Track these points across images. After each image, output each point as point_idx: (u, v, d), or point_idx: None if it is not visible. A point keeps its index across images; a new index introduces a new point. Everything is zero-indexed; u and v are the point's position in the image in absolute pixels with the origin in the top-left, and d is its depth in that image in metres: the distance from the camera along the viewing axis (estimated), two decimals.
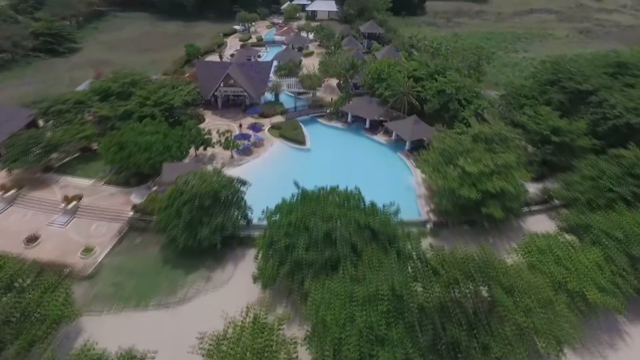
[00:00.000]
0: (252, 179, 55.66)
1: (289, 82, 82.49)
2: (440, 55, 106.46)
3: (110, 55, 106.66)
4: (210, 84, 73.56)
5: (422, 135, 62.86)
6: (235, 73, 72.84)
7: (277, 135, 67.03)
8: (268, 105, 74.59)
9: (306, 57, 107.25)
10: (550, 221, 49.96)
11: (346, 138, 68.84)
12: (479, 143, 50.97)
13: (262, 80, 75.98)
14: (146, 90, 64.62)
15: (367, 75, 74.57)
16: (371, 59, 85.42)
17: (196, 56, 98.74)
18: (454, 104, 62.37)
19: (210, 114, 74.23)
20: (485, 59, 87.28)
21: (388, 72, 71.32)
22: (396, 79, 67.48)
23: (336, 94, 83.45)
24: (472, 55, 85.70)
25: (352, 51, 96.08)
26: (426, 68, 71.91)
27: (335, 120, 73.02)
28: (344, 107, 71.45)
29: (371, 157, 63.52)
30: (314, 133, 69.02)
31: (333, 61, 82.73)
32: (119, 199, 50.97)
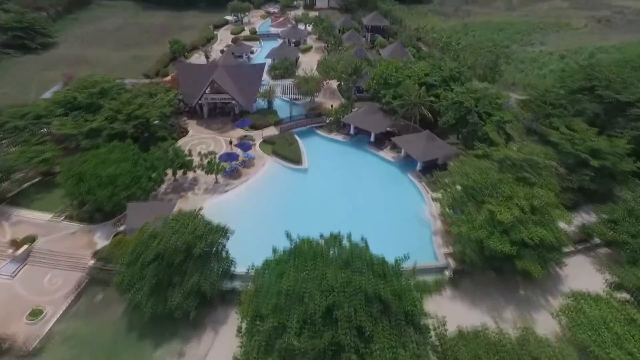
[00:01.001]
0: (240, 209, 48.16)
1: (284, 85, 73.68)
2: (451, 50, 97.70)
3: (88, 51, 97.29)
4: (194, 89, 64.88)
5: (437, 154, 54.63)
6: (222, 78, 64.07)
7: (269, 151, 58.74)
8: (260, 115, 65.97)
9: (304, 53, 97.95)
10: (591, 265, 42.31)
11: (348, 154, 60.55)
12: (505, 171, 42.98)
13: (253, 86, 67.19)
14: (118, 101, 56.03)
15: (372, 80, 65.84)
16: (376, 59, 76.43)
17: (182, 53, 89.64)
18: (473, 117, 53.89)
19: (195, 124, 65.74)
20: (504, 59, 78.20)
21: (396, 77, 62.56)
22: (406, 88, 58.79)
23: (337, 98, 74.78)
24: (489, 54, 76.69)
25: (354, 48, 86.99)
26: (439, 72, 63.12)
27: (335, 131, 64.58)
28: (346, 117, 62.93)
29: (377, 179, 55.36)
30: (312, 148, 60.72)
31: (333, 62, 73.78)
32: (81, 240, 43.07)
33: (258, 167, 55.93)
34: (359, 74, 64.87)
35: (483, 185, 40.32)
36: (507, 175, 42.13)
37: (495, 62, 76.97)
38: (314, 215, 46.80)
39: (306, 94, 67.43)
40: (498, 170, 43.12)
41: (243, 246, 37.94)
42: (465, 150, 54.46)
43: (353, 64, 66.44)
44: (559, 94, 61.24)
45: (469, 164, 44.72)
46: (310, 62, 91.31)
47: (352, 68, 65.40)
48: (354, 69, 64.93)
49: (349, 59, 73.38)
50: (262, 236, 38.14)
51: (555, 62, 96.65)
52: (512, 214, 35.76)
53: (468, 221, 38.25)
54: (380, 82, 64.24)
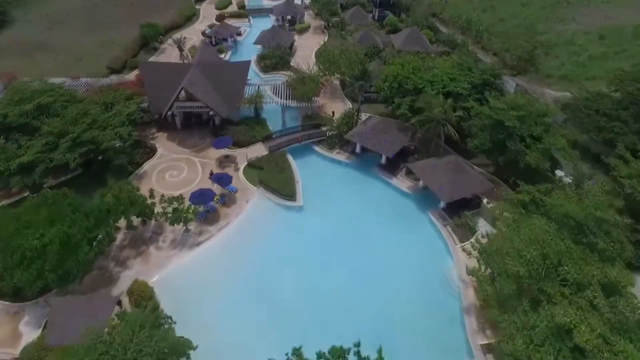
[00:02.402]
0: (215, 273, 37.66)
1: (275, 85, 60.66)
2: (472, 31, 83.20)
3: (50, 34, 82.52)
4: (162, 95, 52.27)
5: (467, 190, 43.17)
6: (196, 83, 51.27)
7: (256, 180, 47.20)
8: (245, 127, 53.45)
9: (300, 34, 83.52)
10: None
11: (353, 183, 48.89)
12: (565, 232, 32.07)
13: (236, 90, 54.32)
14: (62, 120, 43.94)
15: (383, 82, 52.98)
16: (386, 47, 62.80)
17: (156, 38, 75.45)
18: (514, 143, 41.84)
19: (166, 138, 53.64)
20: (544, 50, 64.67)
21: (413, 81, 49.72)
22: (428, 102, 46.15)
23: (338, 98, 62.06)
24: (526, 44, 63.16)
25: (359, 32, 72.89)
26: (468, 75, 50.15)
27: (338, 148, 52.60)
28: (350, 133, 50.70)
29: (388, 220, 44.00)
30: (308, 174, 49.06)
31: (335, 54, 60.45)
32: (2, 327, 32.76)
33: (241, 204, 44.59)
34: (367, 78, 51.97)
35: (541, 267, 29.40)
36: (571, 245, 31.19)
37: (532, 54, 63.48)
38: (309, 279, 37.89)
39: (302, 100, 54.76)
40: (556, 235, 32.09)
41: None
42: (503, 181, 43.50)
43: (359, 64, 53.04)
44: (614, 101, 48.99)
45: (516, 232, 33.49)
46: (307, 47, 77.68)
47: (358, 70, 52.21)
48: (362, 71, 51.85)
49: (353, 53, 60.07)
50: (243, 319, 33.72)
51: (595, 46, 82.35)
52: (596, 331, 25.02)
53: (523, 327, 27.58)
54: (393, 86, 51.51)
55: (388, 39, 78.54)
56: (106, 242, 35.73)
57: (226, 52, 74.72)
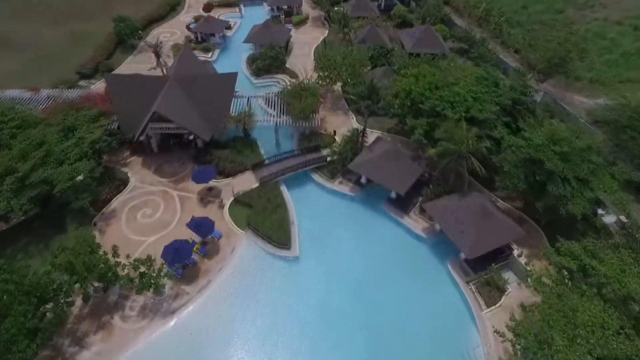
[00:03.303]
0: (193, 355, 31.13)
1: (269, 93, 52.54)
2: (491, 24, 74.04)
3: (16, 26, 73.42)
4: (134, 113, 44.50)
5: (495, 242, 36.03)
6: (172, 104, 43.39)
7: (244, 222, 40.05)
8: (232, 150, 45.77)
9: (297, 27, 74.41)
10: None
11: (358, 222, 41.61)
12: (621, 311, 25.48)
13: (220, 106, 46.36)
14: (9, 153, 36.52)
15: (393, 98, 45.01)
16: (396, 53, 54.27)
17: (133, 35, 66.53)
18: (556, 187, 34.35)
19: (141, 164, 46.19)
20: (579, 53, 56.10)
21: (430, 101, 41.68)
22: (450, 132, 38.24)
23: (341, 110, 54.05)
24: (560, 47, 54.59)
25: (364, 28, 64.07)
26: (494, 93, 42.04)
27: (340, 177, 45.11)
28: (355, 163, 43.10)
29: (399, 272, 37.02)
30: (307, 209, 41.96)
31: (338, 61, 52.08)
32: None
33: (225, 255, 37.58)
34: (374, 97, 43.86)
35: None
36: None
37: (565, 58, 54.98)
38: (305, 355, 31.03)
39: (298, 118, 46.86)
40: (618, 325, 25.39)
41: None
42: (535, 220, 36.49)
43: (363, 74, 44.56)
44: None
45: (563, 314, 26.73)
46: (306, 44, 68.96)
47: (365, 86, 43.91)
48: (368, 88, 43.64)
49: (357, 60, 51.68)
50: None
51: (629, 39, 73.38)
52: None
53: None
54: (405, 104, 43.61)
55: (397, 35, 69.80)
56: (56, 326, 28.98)
57: (213, 50, 66.07)
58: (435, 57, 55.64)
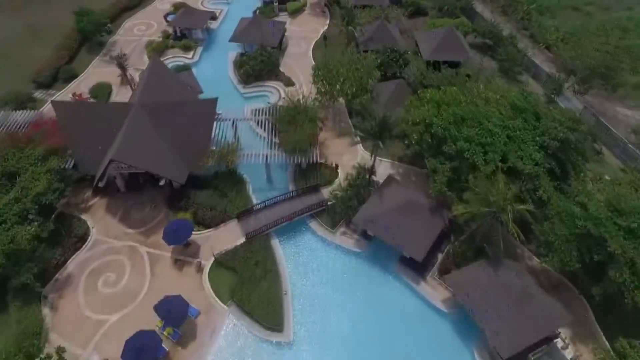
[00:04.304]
0: None
1: (260, 117, 43.82)
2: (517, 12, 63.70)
3: None
4: (93, 147, 36.57)
5: (536, 333, 29.13)
6: (135, 143, 35.13)
7: (226, 293, 32.95)
8: (212, 194, 37.96)
9: (293, 16, 64.20)
10: None
11: (365, 287, 34.29)
12: None
13: (198, 139, 38.11)
14: None
15: (408, 125, 36.63)
16: (415, 72, 44.77)
17: (98, 31, 56.50)
18: (620, 272, 26.94)
19: (104, 209, 38.54)
20: (630, 64, 46.96)
21: (458, 144, 33.28)
22: (483, 193, 30.26)
23: (346, 132, 45.60)
24: (608, 57, 45.44)
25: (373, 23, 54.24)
26: (535, 131, 33.62)
27: (343, 225, 37.64)
28: (361, 215, 35.37)
29: (415, 355, 30.75)
30: (303, 271, 35.00)
31: (341, 72, 43.08)
32: None
33: (204, 341, 30.69)
34: (387, 133, 35.38)
35: None
36: None
37: (611, 68, 45.87)
38: None
39: (293, 153, 38.68)
40: None
41: None
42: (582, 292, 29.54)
43: (378, 115, 35.68)
44: None
45: None
46: (303, 39, 59.35)
47: (376, 122, 35.17)
48: (380, 126, 34.97)
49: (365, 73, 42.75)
50: None
51: None
52: None
53: None
54: (425, 139, 35.35)
55: (409, 27, 59.98)
56: None
57: (195, 49, 56.45)
58: (457, 66, 46.61)
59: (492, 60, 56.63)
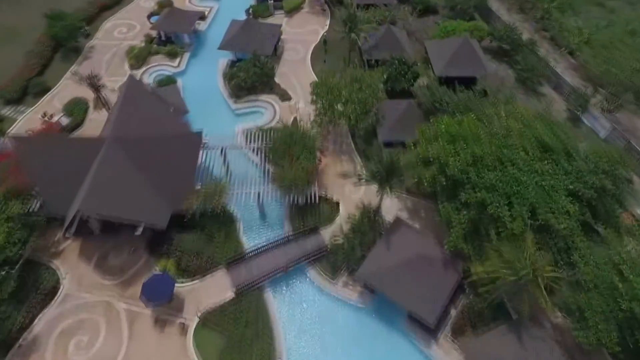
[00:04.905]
0: None
1: (253, 145, 39.17)
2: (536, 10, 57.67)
3: None
4: (61, 186, 32.14)
5: None
6: (107, 187, 30.68)
7: (213, 357, 29.25)
8: (198, 237, 33.64)
9: (290, 15, 58.36)
10: None
11: (368, 349, 30.54)
12: None
13: (181, 177, 33.54)
14: None
15: (420, 166, 32.18)
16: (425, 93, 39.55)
17: (72, 37, 50.73)
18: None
19: (77, 255, 34.31)
20: None
21: (479, 193, 28.73)
22: (513, 257, 25.90)
23: (346, 154, 40.95)
24: None
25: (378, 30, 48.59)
26: (567, 175, 29.15)
27: (344, 273, 33.46)
28: (365, 271, 31.11)
29: None
30: (298, 327, 31.18)
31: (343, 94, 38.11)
32: None
33: None
34: (396, 180, 30.72)
35: None
36: None
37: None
38: None
39: (289, 190, 34.20)
40: None
41: None
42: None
43: (385, 160, 30.79)
44: None
45: None
46: (301, 42, 53.96)
47: (382, 168, 30.42)
48: (388, 170, 30.26)
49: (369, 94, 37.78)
50: None
51: None
52: None
53: None
54: (439, 182, 30.87)
55: (418, 29, 54.38)
56: None
57: (181, 55, 51.03)
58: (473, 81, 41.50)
59: (508, 69, 51.46)
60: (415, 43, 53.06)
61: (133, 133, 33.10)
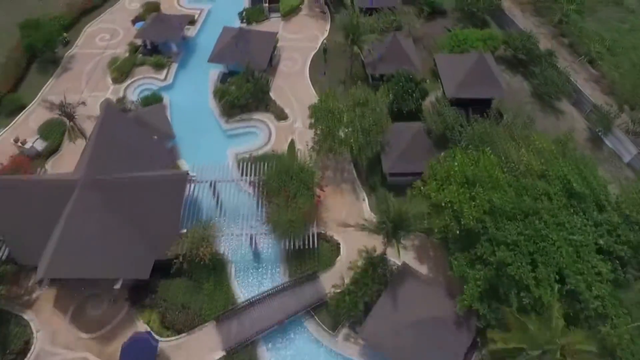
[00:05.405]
0: None
1: (241, 160, 35.94)
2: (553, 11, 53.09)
3: None
4: (31, 233, 28.95)
5: None
6: (78, 243, 27.39)
7: None
8: (185, 285, 30.48)
9: (287, 19, 53.81)
10: None
11: None
12: None
13: (163, 222, 30.15)
14: None
15: (432, 214, 28.81)
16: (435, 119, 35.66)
17: (50, 46, 46.25)
18: None
19: (52, 303, 31.05)
20: None
21: (500, 252, 25.34)
22: (534, 328, 22.81)
23: (348, 185, 37.48)
24: None
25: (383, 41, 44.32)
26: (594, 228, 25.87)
27: (346, 325, 30.36)
28: (369, 330, 28.01)
29: None
30: None
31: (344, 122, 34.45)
32: None
33: None
34: (403, 229, 27.33)
35: None
36: None
37: None
38: None
39: (285, 234, 30.92)
40: None
41: None
42: None
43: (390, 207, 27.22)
44: None
45: None
46: (298, 50, 49.86)
47: (388, 219, 26.95)
48: (395, 221, 26.82)
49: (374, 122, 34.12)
50: None
51: None
52: None
53: None
54: (452, 230, 27.57)
55: (426, 35, 50.09)
56: None
57: (169, 66, 46.93)
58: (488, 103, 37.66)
59: (523, 80, 47.51)
60: (422, 51, 48.89)
61: (109, 173, 29.50)
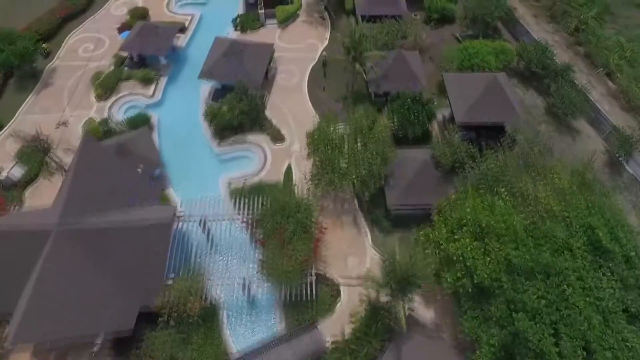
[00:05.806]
0: None
1: (235, 192, 33.21)
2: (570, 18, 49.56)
3: None
4: (5, 282, 26.46)
5: None
6: (50, 303, 24.78)
7: None
8: (174, 338, 27.88)
9: (284, 26, 50.30)
10: None
11: None
12: None
13: (147, 271, 27.45)
14: None
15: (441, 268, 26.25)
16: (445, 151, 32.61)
17: (28, 60, 42.88)
18: None
19: (30, 353, 28.82)
20: None
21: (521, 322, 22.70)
22: None
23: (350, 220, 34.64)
24: None
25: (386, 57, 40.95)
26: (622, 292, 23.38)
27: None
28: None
29: None
30: None
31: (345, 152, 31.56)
32: None
33: None
34: (410, 287, 24.65)
35: None
36: None
37: None
38: None
39: (282, 284, 28.36)
40: None
41: None
42: None
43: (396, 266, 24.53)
44: None
45: None
46: (296, 62, 46.62)
47: (393, 279, 24.19)
48: (401, 278, 23.97)
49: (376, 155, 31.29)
50: None
51: None
52: None
53: None
54: (465, 287, 25.03)
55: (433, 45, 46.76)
56: None
57: (157, 81, 43.68)
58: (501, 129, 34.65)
59: (537, 96, 44.40)
60: (429, 63, 45.68)
61: (86, 219, 26.77)
